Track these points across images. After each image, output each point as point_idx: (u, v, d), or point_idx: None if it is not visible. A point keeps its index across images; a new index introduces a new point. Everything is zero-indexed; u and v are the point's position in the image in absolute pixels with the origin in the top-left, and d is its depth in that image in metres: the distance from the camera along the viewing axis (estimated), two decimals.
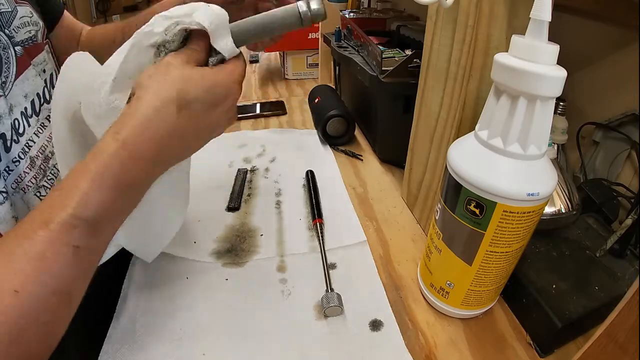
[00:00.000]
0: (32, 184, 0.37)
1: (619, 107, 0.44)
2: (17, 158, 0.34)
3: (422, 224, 0.53)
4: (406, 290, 0.43)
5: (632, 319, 0.21)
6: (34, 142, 0.36)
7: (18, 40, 0.37)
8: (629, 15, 0.40)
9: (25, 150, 0.35)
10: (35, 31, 0.40)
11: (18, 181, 0.34)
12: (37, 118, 0.38)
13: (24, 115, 0.36)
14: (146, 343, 0.37)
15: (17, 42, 0.37)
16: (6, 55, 0.35)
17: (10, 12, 0.37)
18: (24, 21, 0.39)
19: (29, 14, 0.40)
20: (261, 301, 0.42)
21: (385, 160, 0.68)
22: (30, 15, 0.40)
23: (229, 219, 0.54)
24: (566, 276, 0.38)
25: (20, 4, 0.39)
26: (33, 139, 0.36)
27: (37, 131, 0.37)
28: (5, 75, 0.35)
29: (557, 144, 0.44)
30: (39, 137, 0.37)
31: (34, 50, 0.40)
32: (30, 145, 0.36)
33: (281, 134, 0.78)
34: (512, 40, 0.29)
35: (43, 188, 0.39)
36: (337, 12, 0.90)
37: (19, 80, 0.36)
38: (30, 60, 0.38)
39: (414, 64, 0.55)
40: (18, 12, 0.38)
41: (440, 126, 0.45)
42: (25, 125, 0.36)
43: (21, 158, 0.35)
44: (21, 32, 0.38)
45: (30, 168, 0.36)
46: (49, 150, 0.39)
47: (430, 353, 0.37)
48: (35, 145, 0.37)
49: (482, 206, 0.31)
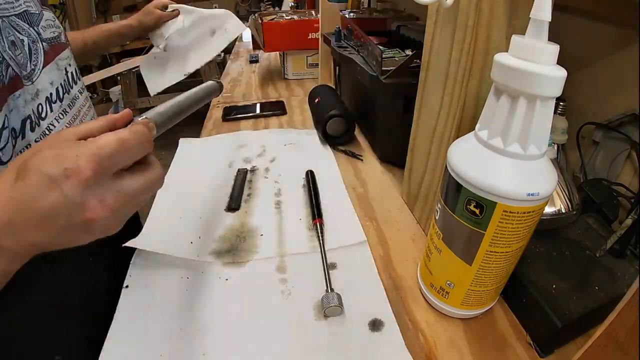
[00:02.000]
0: None
1: (619, 107, 0.44)
2: (39, 139, 0.38)
3: (422, 224, 0.53)
4: (406, 290, 0.43)
5: (632, 319, 0.21)
6: (54, 127, 0.40)
7: (45, 37, 0.42)
8: (629, 15, 0.40)
9: (45, 133, 0.39)
10: (58, 32, 0.46)
11: None
12: (60, 104, 0.43)
13: (49, 101, 0.41)
14: (146, 343, 0.37)
15: (44, 39, 0.42)
16: (35, 47, 0.40)
17: (37, 14, 0.42)
18: (49, 23, 0.44)
19: (52, 18, 0.46)
20: (261, 301, 0.42)
21: (385, 160, 0.68)
22: (53, 19, 0.46)
23: (229, 219, 0.54)
24: (566, 276, 0.38)
25: (45, 9, 0.45)
26: (54, 123, 0.41)
27: (59, 116, 0.42)
28: (34, 64, 0.39)
29: (557, 144, 0.44)
30: (59, 122, 0.42)
31: (58, 48, 0.45)
32: (51, 129, 0.40)
33: (281, 134, 0.78)
34: (512, 40, 0.29)
35: None
36: (337, 12, 0.90)
37: (46, 69, 0.41)
38: (55, 55, 0.44)
39: (414, 64, 0.55)
40: (44, 15, 0.43)
41: (440, 126, 0.45)
42: (48, 110, 0.40)
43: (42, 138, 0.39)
44: (47, 31, 0.43)
45: None
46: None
47: (430, 353, 0.37)
48: (55, 129, 0.40)
49: (482, 206, 0.31)
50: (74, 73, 0.49)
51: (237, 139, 0.76)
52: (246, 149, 0.72)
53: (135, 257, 0.47)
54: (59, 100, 0.43)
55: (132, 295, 0.43)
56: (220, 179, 0.63)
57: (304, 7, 1.70)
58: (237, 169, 0.65)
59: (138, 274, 0.45)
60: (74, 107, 0.46)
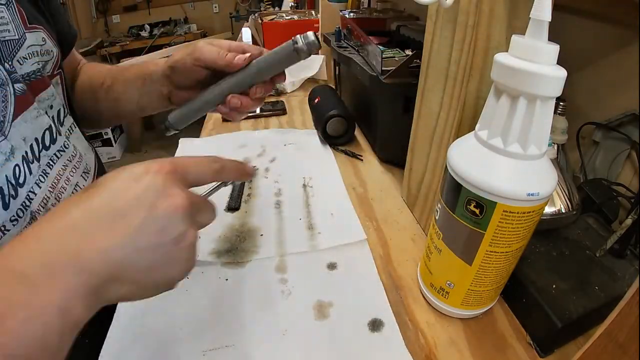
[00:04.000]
0: None
1: (619, 107, 0.44)
2: (15, 217, 0.30)
3: (422, 224, 0.53)
4: (406, 290, 0.43)
5: (632, 319, 0.21)
6: (34, 194, 0.32)
7: (21, 74, 0.33)
8: (629, 15, 0.40)
9: (25, 205, 0.31)
10: (44, 62, 0.36)
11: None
12: (39, 164, 0.33)
13: (25, 161, 0.32)
14: (146, 343, 0.37)
15: (19, 78, 0.32)
16: (3, 93, 0.31)
17: (16, 40, 0.32)
18: (33, 51, 0.34)
19: (41, 41, 0.36)
20: (261, 301, 0.42)
21: (385, 160, 0.68)
22: (42, 42, 0.36)
23: (229, 218, 0.54)
24: (566, 276, 0.38)
25: (31, 30, 0.34)
26: (34, 189, 0.32)
27: (39, 180, 0.33)
28: (3, 115, 0.30)
29: (557, 144, 0.44)
30: (40, 187, 0.33)
31: (40, 85, 0.36)
32: (32, 198, 0.32)
33: (281, 134, 0.78)
34: (512, 40, 0.29)
35: None
36: (337, 12, 0.90)
37: (16, 121, 0.31)
38: (33, 97, 0.34)
39: (414, 64, 0.55)
40: (27, 40, 0.34)
41: (440, 126, 0.45)
42: (27, 173, 0.32)
43: (19, 217, 0.30)
44: (27, 64, 0.33)
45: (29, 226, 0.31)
46: (51, 204, 0.34)
47: (430, 353, 0.37)
48: (36, 197, 0.32)
49: (482, 206, 0.31)
50: (60, 113, 0.38)
51: (237, 139, 0.76)
52: (246, 149, 0.72)
53: None
54: (35, 159, 0.33)
55: None
56: None
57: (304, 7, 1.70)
58: None
59: None
60: (57, 164, 0.36)
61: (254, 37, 1.29)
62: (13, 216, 0.29)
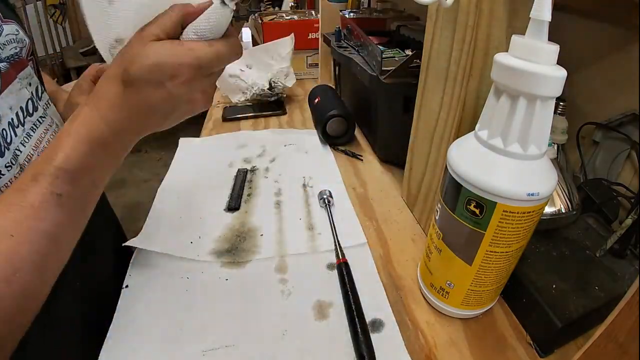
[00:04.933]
0: None
1: (619, 107, 0.44)
2: (10, 163, 0.37)
3: (422, 224, 0.53)
4: (406, 290, 0.43)
5: (632, 319, 0.21)
6: (20, 152, 0.39)
7: (4, 56, 0.39)
8: (629, 15, 0.40)
9: (15, 156, 0.38)
10: (20, 48, 0.42)
11: (4, 188, 0.36)
12: (23, 128, 0.40)
13: (11, 126, 0.38)
14: (146, 343, 0.37)
15: (3, 59, 0.39)
16: None
17: None
18: (9, 39, 0.41)
19: (15, 31, 0.42)
20: (261, 301, 0.42)
21: (385, 160, 0.68)
22: (16, 32, 0.42)
23: (229, 219, 0.54)
24: (566, 276, 0.38)
25: (6, 22, 0.41)
26: (20, 148, 0.39)
27: (24, 140, 0.40)
28: None
29: (557, 144, 0.44)
30: (25, 146, 0.40)
31: (19, 66, 0.42)
32: (18, 154, 0.38)
33: (281, 134, 0.78)
34: (512, 40, 0.29)
35: None
36: (337, 12, 0.90)
37: (4, 93, 0.38)
38: (16, 74, 0.41)
39: (414, 64, 0.55)
40: (4, 30, 0.40)
41: (440, 126, 0.45)
42: (12, 135, 0.38)
43: (12, 164, 0.37)
44: (7, 49, 0.40)
45: (19, 174, 0.38)
46: (34, 159, 0.41)
47: (430, 353, 0.37)
48: (22, 154, 0.39)
49: (482, 206, 0.31)
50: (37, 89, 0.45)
51: (237, 139, 0.76)
52: (246, 149, 0.72)
53: (135, 256, 0.47)
54: (20, 124, 0.40)
55: (132, 295, 0.43)
56: (220, 179, 0.63)
57: (304, 7, 1.70)
58: (237, 169, 0.65)
59: (138, 274, 0.45)
60: (39, 129, 0.43)
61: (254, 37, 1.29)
62: (7, 163, 0.36)
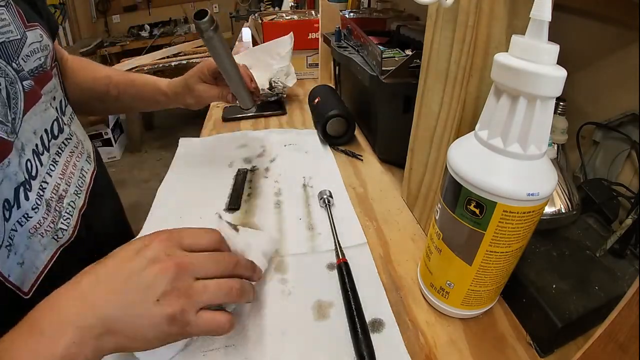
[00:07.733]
0: (50, 228, 0.34)
1: (619, 107, 0.44)
2: (36, 205, 0.32)
3: (422, 224, 0.53)
4: (406, 290, 0.43)
5: (632, 319, 0.21)
6: (47, 184, 0.34)
7: (27, 70, 0.34)
8: (629, 15, 0.40)
9: (40, 195, 0.33)
10: (44, 57, 0.38)
11: (33, 230, 0.32)
12: (49, 154, 0.35)
13: (36, 154, 0.34)
14: None
15: (26, 74, 0.34)
16: (14, 90, 0.32)
17: (19, 39, 0.34)
18: (34, 48, 0.36)
19: (39, 37, 0.37)
20: (261, 301, 0.42)
21: (385, 160, 0.68)
22: (40, 39, 0.37)
23: (229, 219, 0.54)
24: (566, 276, 0.38)
25: (30, 28, 0.36)
26: (46, 179, 0.34)
27: (49, 169, 0.34)
28: (14, 112, 0.32)
29: (557, 144, 0.44)
30: (51, 176, 0.34)
31: (44, 78, 0.37)
32: (44, 188, 0.34)
33: (281, 134, 0.78)
34: (512, 40, 0.29)
35: (60, 231, 0.36)
36: (337, 12, 0.90)
37: (27, 115, 0.33)
38: (40, 90, 0.36)
39: (414, 64, 0.55)
40: (28, 38, 0.35)
41: (440, 126, 0.45)
42: (38, 165, 0.33)
43: (38, 205, 0.32)
44: (30, 60, 0.35)
45: (47, 213, 0.33)
46: (62, 189, 0.36)
47: (430, 353, 0.37)
48: (48, 186, 0.34)
49: (482, 206, 0.31)
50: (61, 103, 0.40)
51: (237, 139, 0.76)
52: (246, 149, 0.72)
53: None
54: (45, 150, 0.34)
55: None
56: (220, 179, 0.63)
57: (304, 7, 1.70)
58: (237, 169, 0.65)
59: None
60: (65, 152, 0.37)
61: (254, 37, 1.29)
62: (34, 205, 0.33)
